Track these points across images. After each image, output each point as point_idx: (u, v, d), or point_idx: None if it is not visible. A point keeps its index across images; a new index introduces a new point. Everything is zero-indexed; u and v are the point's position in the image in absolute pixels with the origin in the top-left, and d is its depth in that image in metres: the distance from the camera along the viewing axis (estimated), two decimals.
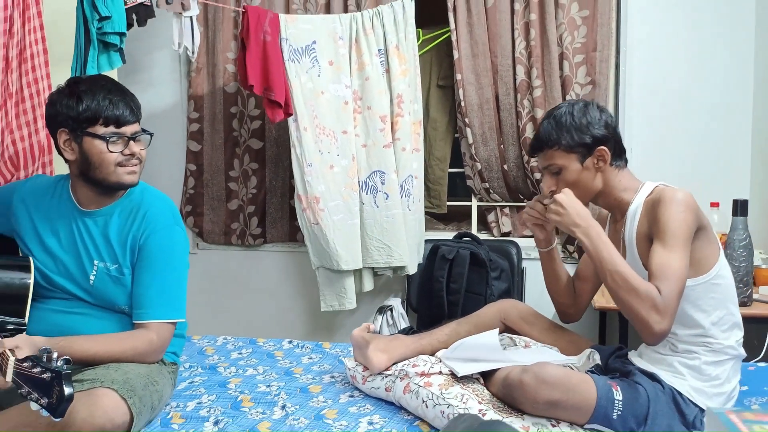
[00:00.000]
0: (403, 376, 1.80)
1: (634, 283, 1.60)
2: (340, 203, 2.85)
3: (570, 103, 1.83)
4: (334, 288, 2.91)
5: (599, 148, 1.76)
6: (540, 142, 1.82)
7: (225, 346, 2.37)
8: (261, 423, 1.71)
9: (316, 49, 2.78)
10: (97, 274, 1.78)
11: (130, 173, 1.77)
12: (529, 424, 1.56)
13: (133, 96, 1.79)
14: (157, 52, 3.25)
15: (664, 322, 1.58)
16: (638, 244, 1.74)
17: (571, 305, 2.00)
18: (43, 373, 1.36)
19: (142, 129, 1.80)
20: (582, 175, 1.78)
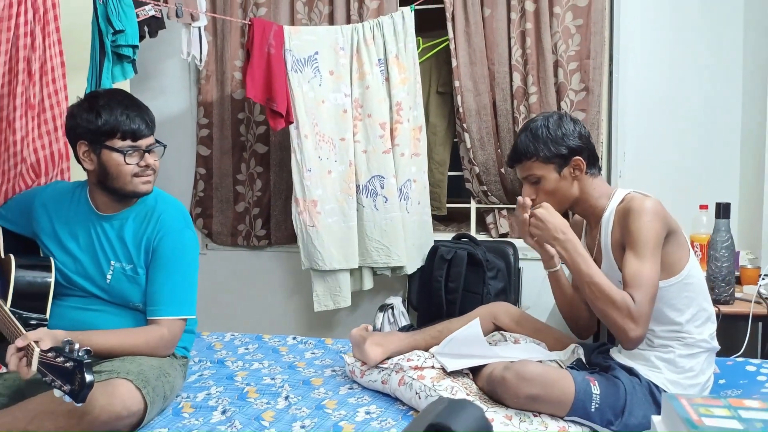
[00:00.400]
0: (398, 370, 1.92)
1: (610, 293, 1.70)
2: (335, 207, 2.97)
3: (545, 116, 1.92)
4: (328, 287, 3.02)
5: (575, 158, 1.85)
6: (518, 154, 1.90)
7: (232, 341, 2.50)
8: (265, 412, 1.84)
9: (318, 59, 2.89)
10: (113, 274, 1.91)
11: (144, 183, 1.90)
12: (512, 413, 1.67)
13: (148, 110, 1.92)
14: (168, 61, 3.37)
15: (639, 329, 1.68)
16: (613, 250, 1.83)
17: (585, 319, 2.01)
18: (66, 362, 1.47)
19: (156, 141, 1.93)
20: (560, 184, 1.87)
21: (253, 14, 3.22)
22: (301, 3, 3.21)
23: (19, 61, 2.08)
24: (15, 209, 2.09)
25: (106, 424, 1.61)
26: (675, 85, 3.04)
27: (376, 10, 3.12)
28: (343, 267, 2.99)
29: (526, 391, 1.67)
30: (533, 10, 3.02)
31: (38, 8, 2.09)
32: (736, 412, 1.02)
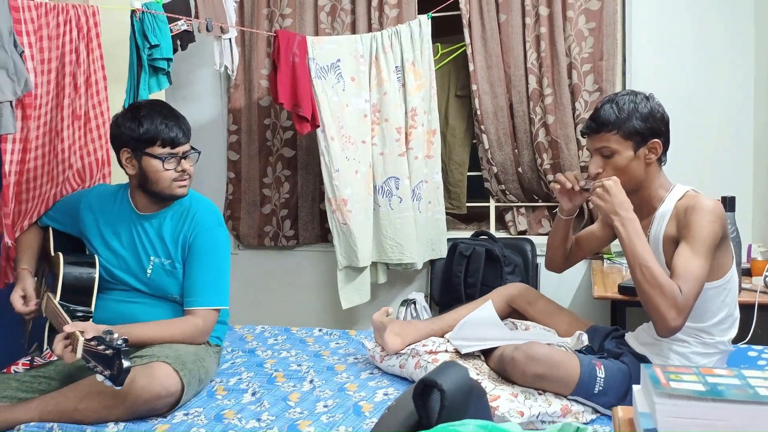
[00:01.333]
0: (414, 354, 2.05)
1: (660, 280, 1.70)
2: (363, 205, 3.13)
3: (632, 92, 1.87)
4: (353, 285, 3.18)
5: (654, 141, 1.82)
6: (598, 124, 1.84)
7: (262, 333, 2.66)
8: (292, 393, 1.99)
9: (341, 66, 3.05)
10: (153, 269, 2.09)
11: (181, 187, 2.07)
12: (518, 391, 1.80)
13: (184, 119, 2.09)
14: (199, 71, 3.56)
15: (680, 319, 1.69)
16: (664, 244, 1.83)
17: (560, 262, 2.19)
18: (106, 350, 1.62)
19: (191, 147, 2.10)
20: (632, 164, 1.83)
21: (279, 25, 3.40)
22: (325, 13, 3.37)
23: (65, 75, 2.27)
24: (63, 211, 2.29)
25: (147, 402, 1.78)
26: (687, 83, 3.11)
27: (396, 18, 3.26)
28: (366, 264, 3.16)
29: (533, 370, 1.78)
30: (547, 15, 3.13)
31: (82, 27, 2.28)
32: (704, 378, 1.13)
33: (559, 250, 2.18)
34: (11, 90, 2.02)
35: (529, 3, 3.15)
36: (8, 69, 2.01)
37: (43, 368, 2.00)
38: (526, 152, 3.27)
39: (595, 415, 1.82)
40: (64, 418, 1.78)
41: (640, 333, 2.00)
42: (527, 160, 3.28)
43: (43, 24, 2.17)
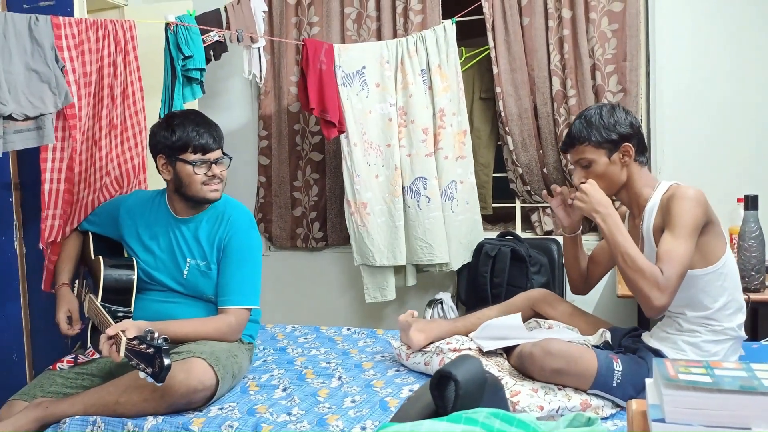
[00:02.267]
0: (439, 352, 2.12)
1: (640, 264, 1.83)
2: (384, 208, 3.20)
3: (598, 105, 2.07)
4: (376, 282, 3.25)
5: (624, 144, 1.99)
6: (572, 139, 2.05)
7: (293, 332, 2.75)
8: (321, 389, 2.07)
9: (366, 73, 3.13)
10: (189, 270, 2.19)
11: (212, 191, 2.17)
12: (538, 386, 1.85)
13: (216, 127, 2.19)
14: (231, 80, 3.66)
15: (663, 298, 1.80)
16: (654, 236, 1.95)
17: (580, 282, 2.28)
18: (148, 349, 1.71)
19: (223, 153, 2.20)
20: (609, 169, 2.01)
21: (306, 33, 3.49)
22: (351, 20, 3.46)
23: (103, 87, 2.39)
24: (103, 216, 2.40)
25: (184, 396, 1.87)
26: (712, 81, 3.11)
27: (421, 24, 3.33)
28: (391, 263, 3.22)
29: (551, 365, 1.84)
30: (570, 17, 3.16)
31: (119, 41, 2.40)
32: (712, 371, 1.17)
33: (574, 269, 2.27)
34: (53, 103, 2.15)
35: (552, 6, 3.19)
36: (50, 83, 2.14)
37: (86, 365, 2.12)
38: (551, 153, 3.31)
39: (616, 409, 1.86)
40: (106, 412, 1.88)
41: (655, 330, 2.06)
42: (552, 161, 3.31)
43: (84, 39, 2.29)
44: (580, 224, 2.22)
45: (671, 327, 1.99)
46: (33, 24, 2.12)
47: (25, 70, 2.10)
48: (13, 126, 2.06)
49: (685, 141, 3.16)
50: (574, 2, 3.14)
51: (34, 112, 2.09)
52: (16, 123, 2.06)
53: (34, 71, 2.11)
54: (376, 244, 3.19)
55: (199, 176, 2.14)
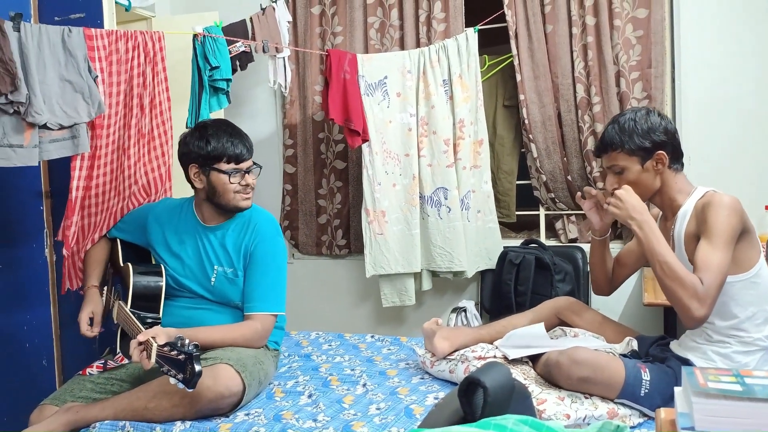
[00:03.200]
0: (464, 360, 2.12)
1: (679, 273, 1.79)
2: (400, 216, 3.24)
3: (633, 110, 2.03)
4: (394, 288, 3.30)
5: (658, 152, 1.95)
6: (604, 144, 2.02)
7: (317, 339, 2.77)
8: (346, 396, 2.08)
9: (387, 83, 3.16)
10: (216, 277, 2.22)
11: (245, 200, 2.20)
12: (565, 395, 1.84)
13: (247, 137, 2.23)
14: (256, 89, 3.71)
15: (703, 309, 1.77)
16: (686, 242, 1.93)
17: (605, 284, 2.26)
18: (179, 355, 1.73)
19: (254, 163, 2.23)
20: (642, 176, 1.97)
21: (330, 43, 3.52)
22: (374, 30, 3.48)
23: (133, 97, 2.44)
24: (132, 223, 2.45)
25: (211, 402, 1.90)
26: (738, 87, 3.09)
27: (444, 32, 3.35)
28: (406, 270, 3.25)
29: (578, 373, 1.83)
30: (594, 24, 3.16)
31: (148, 52, 2.44)
32: (742, 379, 1.16)
33: (600, 271, 2.25)
34: (86, 112, 2.20)
35: (576, 13, 3.19)
36: (84, 93, 2.19)
37: (116, 371, 2.15)
38: (576, 160, 3.29)
39: (643, 418, 1.85)
40: (136, 417, 1.91)
41: (684, 339, 2.03)
42: (576, 168, 3.30)
43: (113, 50, 2.34)
44: (609, 228, 2.21)
45: (700, 337, 1.95)
46: (66, 36, 2.17)
47: (60, 80, 2.15)
48: (48, 135, 2.11)
49: (711, 148, 3.13)
50: (598, 9, 3.14)
51: (68, 122, 2.14)
52: (52, 132, 2.11)
53: (68, 81, 2.16)
54: (391, 252, 3.22)
55: (233, 185, 2.17)
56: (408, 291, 3.29)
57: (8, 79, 1.97)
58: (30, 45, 2.07)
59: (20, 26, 2.05)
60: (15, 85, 1.99)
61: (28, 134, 2.05)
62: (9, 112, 2.02)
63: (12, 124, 2.04)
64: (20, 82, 2.01)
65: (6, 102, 2.00)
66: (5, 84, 1.97)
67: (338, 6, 3.52)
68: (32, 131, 2.06)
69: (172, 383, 1.75)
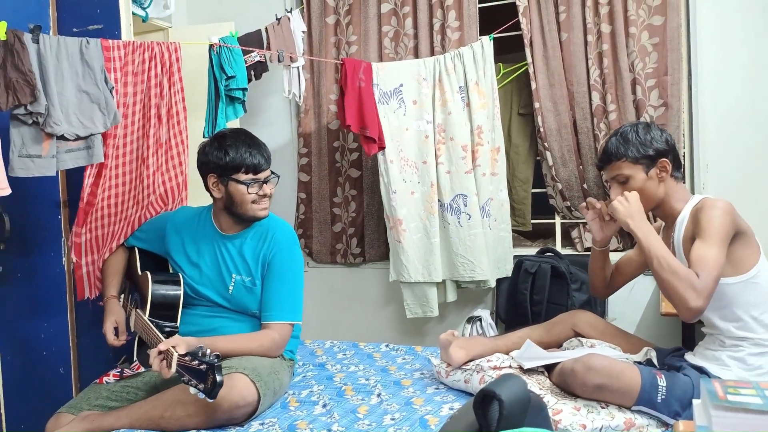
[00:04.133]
0: (479, 370, 2.10)
1: (675, 266, 1.86)
2: (419, 224, 3.22)
3: (633, 123, 2.11)
4: (416, 298, 3.26)
5: (662, 160, 2.03)
6: (608, 155, 2.08)
7: (332, 348, 2.76)
8: (360, 406, 2.08)
9: (403, 90, 3.15)
10: (234, 285, 2.23)
11: (262, 209, 2.22)
12: (581, 405, 1.82)
13: (265, 147, 2.24)
14: (271, 98, 3.72)
15: (700, 300, 1.81)
16: (684, 246, 1.99)
17: (601, 289, 2.35)
18: (200, 365, 1.74)
19: (272, 172, 2.24)
20: (647, 184, 2.04)
21: (345, 52, 3.53)
22: (389, 39, 3.49)
23: (151, 107, 2.46)
24: (150, 232, 2.46)
25: (226, 411, 1.90)
26: (755, 95, 3.05)
27: (458, 41, 3.34)
28: (426, 280, 3.22)
29: (593, 381, 1.82)
30: (609, 32, 3.14)
31: (165, 63, 2.46)
32: (762, 392, 1.15)
33: (598, 278, 2.32)
34: (102, 123, 2.23)
35: (591, 21, 3.17)
36: (100, 104, 2.21)
37: (132, 379, 2.16)
38: (591, 168, 3.27)
39: (661, 429, 1.82)
40: (151, 426, 1.91)
41: (699, 349, 2.05)
42: (592, 176, 3.28)
43: (130, 61, 2.36)
44: (610, 239, 2.26)
45: (714, 344, 1.99)
46: (84, 47, 2.20)
47: (77, 91, 2.17)
48: (64, 146, 2.14)
49: (729, 155, 3.10)
50: (613, 17, 3.12)
51: (84, 132, 2.17)
52: (68, 143, 2.14)
53: (85, 92, 2.18)
54: (411, 261, 3.20)
55: (251, 195, 2.19)
56: (430, 302, 3.25)
57: (28, 90, 2.00)
58: (48, 56, 2.09)
59: (39, 38, 2.08)
60: (34, 96, 2.02)
61: (46, 144, 2.08)
62: (28, 122, 2.05)
63: (31, 135, 2.06)
64: (39, 93, 2.03)
65: (25, 113, 2.03)
66: (25, 95, 1.99)
67: (353, 15, 3.54)
68: (50, 141, 2.09)
69: (192, 393, 1.76)
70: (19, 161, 2.05)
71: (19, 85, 1.98)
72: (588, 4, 3.17)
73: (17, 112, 2.02)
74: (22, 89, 1.98)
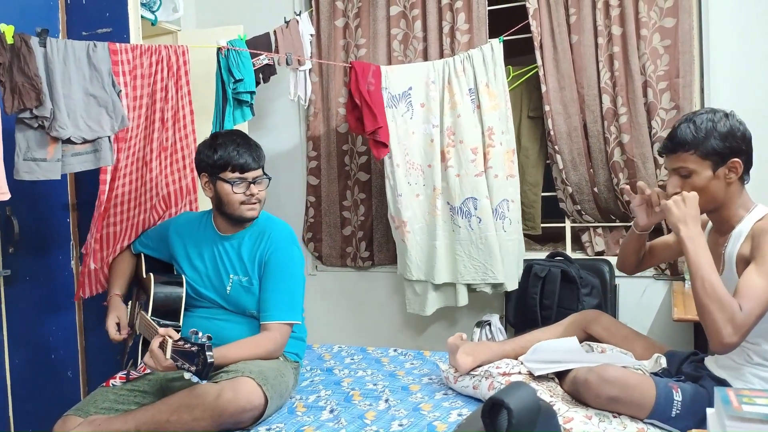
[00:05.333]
0: (488, 376, 2.08)
1: (719, 293, 1.68)
2: (423, 226, 3.21)
3: (710, 110, 1.85)
4: (416, 295, 3.27)
5: (733, 160, 1.80)
6: (675, 143, 1.84)
7: (340, 353, 2.75)
8: (368, 412, 2.06)
9: (412, 94, 3.13)
10: (232, 285, 2.22)
11: (249, 210, 2.20)
12: (592, 413, 1.79)
13: (257, 147, 2.23)
14: (279, 101, 3.71)
15: (736, 336, 1.66)
16: (738, 263, 1.82)
17: (632, 268, 2.26)
18: (192, 347, 1.76)
19: (264, 174, 2.22)
20: (711, 183, 1.81)
21: (354, 56, 3.52)
22: (397, 42, 3.48)
23: (155, 111, 2.46)
24: (154, 237, 2.47)
25: (232, 415, 1.88)
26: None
27: (467, 44, 3.32)
28: (428, 279, 3.22)
29: (607, 392, 1.77)
30: (620, 34, 3.11)
31: (172, 66, 2.46)
32: None
33: (630, 258, 2.24)
34: (110, 126, 2.22)
35: (602, 23, 3.15)
36: (107, 107, 2.21)
37: (138, 382, 2.16)
38: (602, 172, 3.24)
39: None
40: (158, 430, 1.90)
41: (721, 357, 1.94)
42: (603, 180, 3.25)
43: (137, 64, 2.36)
44: (653, 227, 2.13)
45: (740, 357, 1.86)
46: (91, 51, 2.19)
47: (84, 95, 2.17)
48: (71, 149, 2.13)
49: None
50: (624, 19, 3.10)
51: (91, 136, 2.16)
52: (75, 146, 2.13)
53: (92, 96, 2.18)
54: (413, 260, 3.21)
55: (238, 195, 2.18)
56: (428, 302, 3.24)
57: (33, 94, 2.00)
58: (55, 60, 2.09)
59: (46, 41, 2.08)
60: (40, 100, 2.02)
61: (51, 148, 2.08)
62: (33, 126, 2.05)
63: (36, 138, 2.06)
64: (45, 96, 2.03)
65: (31, 116, 2.03)
66: (30, 99, 1.99)
67: (362, 18, 3.53)
68: (56, 145, 2.09)
69: (187, 377, 1.77)
70: (24, 164, 2.05)
71: (24, 89, 1.98)
72: (599, 6, 3.14)
73: (23, 116, 2.02)
74: (27, 93, 1.98)
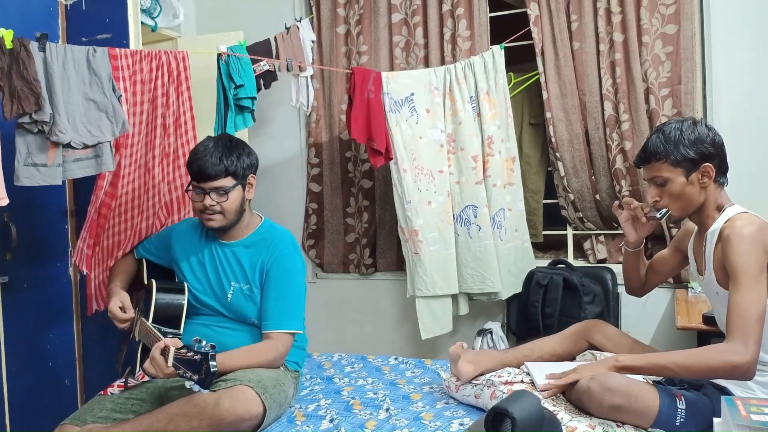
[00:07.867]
0: (490, 385, 2.05)
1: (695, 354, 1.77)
2: (437, 235, 3.14)
3: (679, 120, 1.94)
4: (433, 314, 3.14)
5: (705, 165, 1.87)
6: (647, 154, 1.93)
7: (340, 361, 2.72)
8: (368, 421, 2.03)
9: (414, 99, 3.11)
10: (233, 293, 2.20)
11: (207, 220, 2.17)
12: (596, 423, 1.77)
13: (226, 155, 2.11)
14: (280, 108, 3.69)
15: (748, 354, 1.70)
16: (715, 268, 1.89)
17: (638, 289, 2.28)
18: (195, 356, 1.74)
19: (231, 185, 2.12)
20: (686, 189, 1.90)
21: (356, 62, 3.51)
22: (399, 49, 3.47)
23: (156, 117, 2.44)
24: (156, 244, 2.45)
25: (231, 425, 1.86)
26: None
27: (469, 50, 3.31)
28: (445, 293, 3.15)
29: (610, 401, 1.75)
30: (622, 41, 3.11)
31: (172, 72, 2.45)
32: None
33: (633, 278, 2.25)
34: (110, 131, 2.21)
35: (603, 30, 3.14)
36: (108, 112, 2.19)
37: (136, 390, 2.13)
38: (604, 179, 3.23)
39: None
40: None
41: None
42: (605, 187, 3.23)
43: (137, 70, 2.35)
44: (644, 240, 2.16)
45: None
46: (91, 56, 2.18)
47: (84, 100, 2.15)
48: (72, 155, 2.12)
49: (744, 166, 3.00)
50: (626, 26, 3.09)
51: (92, 141, 2.15)
52: (75, 152, 2.12)
53: (92, 101, 2.16)
54: (429, 273, 3.12)
55: (196, 204, 2.17)
56: (445, 316, 3.17)
57: (32, 99, 1.98)
58: (55, 65, 2.08)
59: (45, 46, 2.06)
60: (39, 105, 2.00)
61: (52, 153, 2.06)
62: (33, 131, 2.04)
63: (36, 144, 2.05)
64: (44, 101, 2.02)
65: (30, 121, 2.02)
66: (29, 103, 1.98)
67: (363, 25, 3.52)
68: (56, 150, 2.07)
69: (188, 386, 1.75)
70: (25, 170, 2.04)
71: (23, 94, 1.97)
72: (600, 12, 3.14)
73: (22, 121, 2.01)
74: (26, 98, 1.97)
